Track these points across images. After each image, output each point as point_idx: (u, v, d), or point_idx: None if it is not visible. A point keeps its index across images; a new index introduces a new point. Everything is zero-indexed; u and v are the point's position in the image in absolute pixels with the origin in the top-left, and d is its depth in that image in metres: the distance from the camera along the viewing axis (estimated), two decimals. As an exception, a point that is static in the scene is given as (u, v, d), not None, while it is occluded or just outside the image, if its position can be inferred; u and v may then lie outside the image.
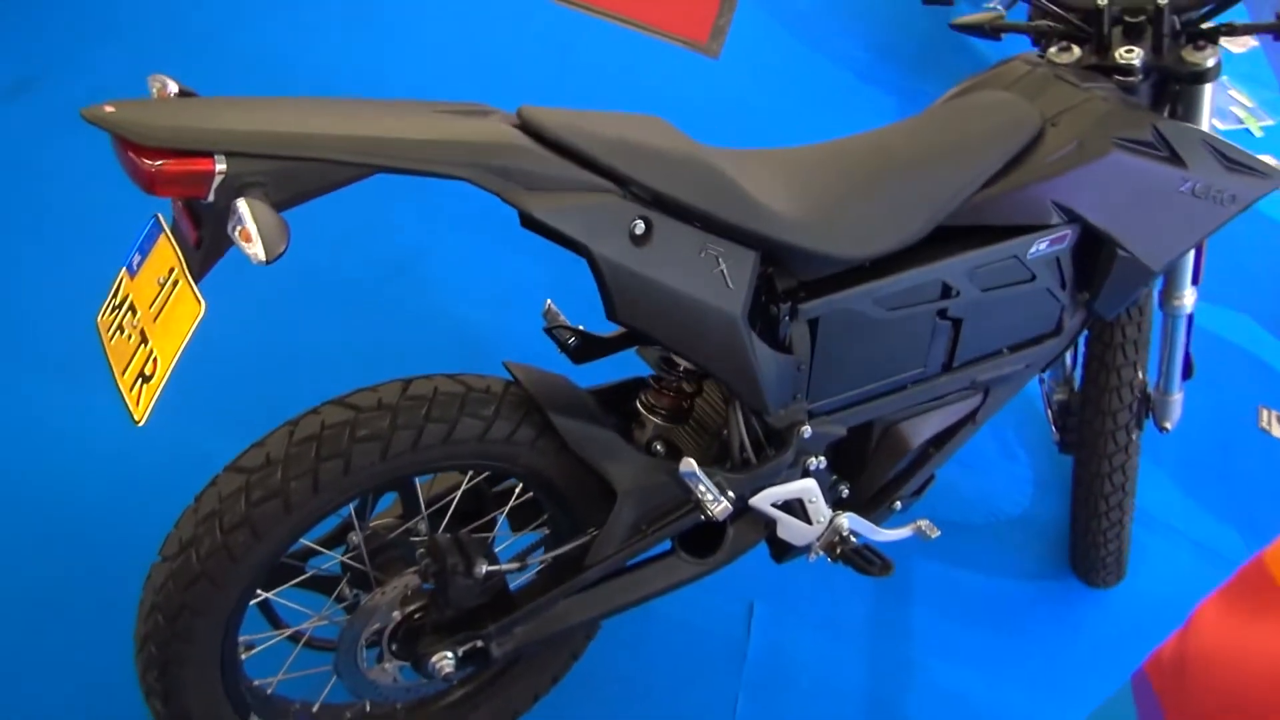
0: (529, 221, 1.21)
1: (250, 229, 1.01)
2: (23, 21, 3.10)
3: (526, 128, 1.23)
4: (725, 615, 2.04)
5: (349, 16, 3.44)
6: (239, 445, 1.35)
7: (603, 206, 1.23)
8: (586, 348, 1.60)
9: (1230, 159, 1.63)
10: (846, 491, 1.71)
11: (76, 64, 3.00)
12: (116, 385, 1.15)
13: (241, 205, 1.02)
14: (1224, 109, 4.05)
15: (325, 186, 1.11)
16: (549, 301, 1.62)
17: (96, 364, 1.27)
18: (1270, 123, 4.07)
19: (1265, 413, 2.85)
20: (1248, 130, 4.00)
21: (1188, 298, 1.93)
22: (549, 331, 1.61)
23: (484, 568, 1.43)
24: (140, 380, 1.11)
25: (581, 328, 1.60)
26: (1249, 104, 4.13)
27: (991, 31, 1.76)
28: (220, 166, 1.03)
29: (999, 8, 1.77)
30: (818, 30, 3.87)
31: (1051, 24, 1.72)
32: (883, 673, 2.03)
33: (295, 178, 1.08)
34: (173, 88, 1.15)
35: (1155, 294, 1.96)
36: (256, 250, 1.01)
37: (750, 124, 3.43)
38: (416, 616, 1.47)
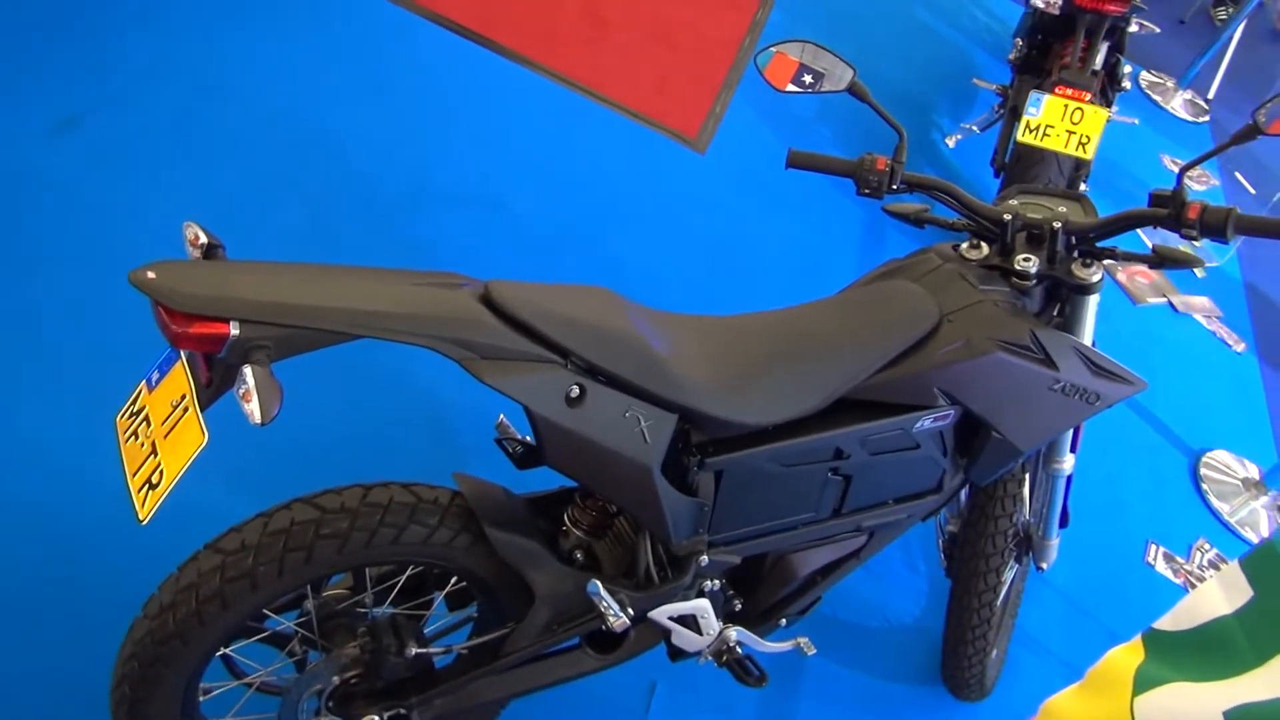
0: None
1: (252, 394, 1.26)
2: (73, 58, 3.35)
3: (489, 302, 1.48)
4: (629, 690, 2.30)
5: (366, 90, 3.70)
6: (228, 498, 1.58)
7: (545, 375, 1.49)
8: (529, 457, 1.85)
9: (1098, 365, 1.89)
10: (739, 606, 1.97)
11: (122, 102, 3.25)
12: (127, 483, 1.40)
13: (248, 372, 1.27)
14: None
15: (317, 346, 1.37)
16: (502, 416, 1.88)
17: (110, 404, 1.51)
18: (1215, 264, 4.36)
19: (1153, 548, 3.12)
20: (1191, 271, 4.28)
21: (1066, 463, 2.19)
22: (499, 442, 1.86)
23: (414, 649, 1.70)
24: (147, 486, 1.36)
25: (527, 439, 1.85)
26: (1197, 243, 4.41)
27: (917, 221, 2.01)
28: (235, 331, 1.29)
29: (926, 204, 2.03)
30: (805, 137, 4.14)
31: (967, 223, 1.98)
32: (763, 757, 2.29)
33: (294, 341, 1.34)
34: (203, 238, 1.40)
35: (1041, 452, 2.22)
36: (254, 411, 1.27)
37: (725, 222, 3.70)
38: (353, 682, 1.73)
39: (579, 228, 3.48)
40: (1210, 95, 5.71)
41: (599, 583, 1.68)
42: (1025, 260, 1.89)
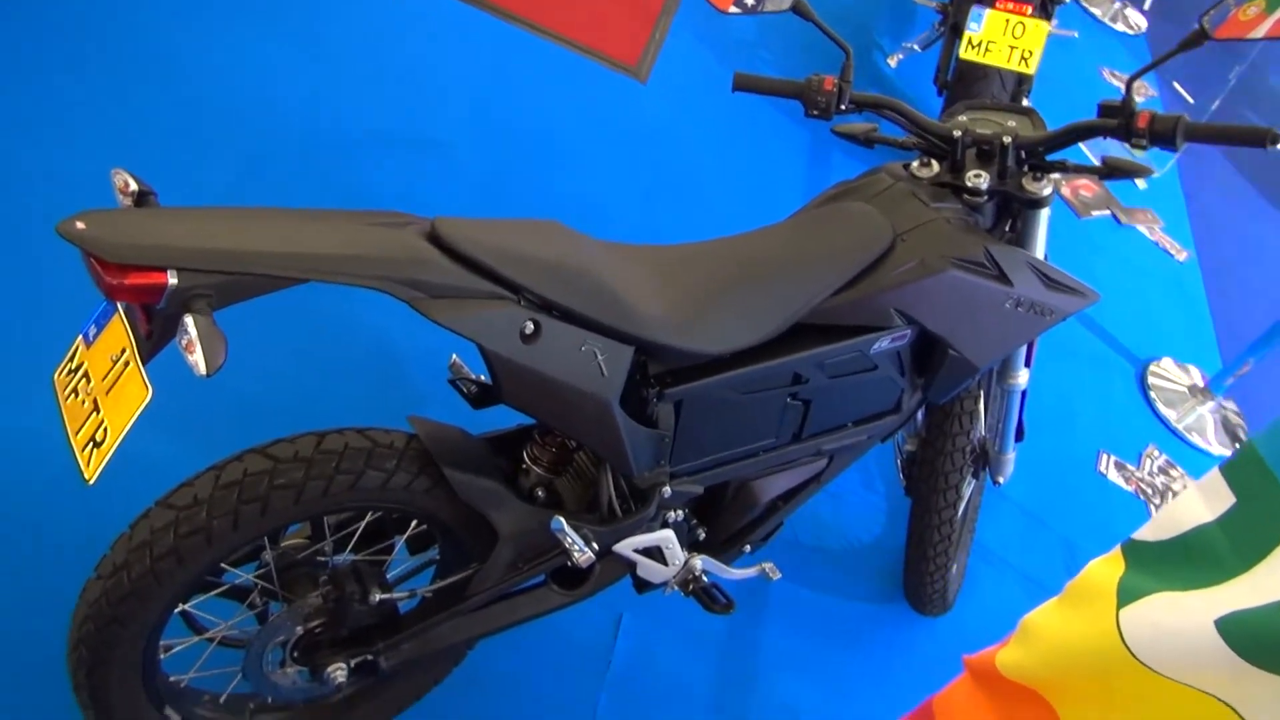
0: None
1: (195, 345, 1.22)
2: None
3: (437, 239, 1.44)
4: (596, 624, 2.30)
5: (293, 31, 3.58)
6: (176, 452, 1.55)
7: (498, 312, 1.45)
8: (484, 396, 1.82)
9: (1051, 279, 1.89)
10: (703, 534, 1.97)
11: (43, 48, 3.12)
12: (69, 441, 1.35)
13: (189, 323, 1.23)
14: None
15: (260, 293, 1.32)
16: (455, 356, 1.84)
17: (46, 362, 1.46)
18: (1155, 174, 4.38)
19: (1105, 457, 3.17)
20: (1132, 181, 4.30)
21: (1021, 378, 2.20)
22: (452, 382, 1.83)
23: (377, 596, 1.67)
24: (92, 444, 1.32)
25: (482, 378, 1.82)
26: (1138, 154, 4.43)
27: (867, 142, 1.99)
28: (173, 281, 1.24)
29: (875, 123, 2.00)
30: (746, 61, 4.09)
31: (917, 141, 1.96)
32: (731, 682, 2.30)
33: (236, 288, 1.29)
34: (133, 185, 1.34)
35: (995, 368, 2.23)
36: (198, 362, 1.22)
37: (670, 151, 3.65)
38: (317, 631, 1.71)
39: (521, 164, 3.42)
40: (1145, 7, 5.72)
41: (562, 519, 1.66)
42: (976, 176, 1.87)
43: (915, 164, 1.96)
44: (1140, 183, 4.28)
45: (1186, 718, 0.79)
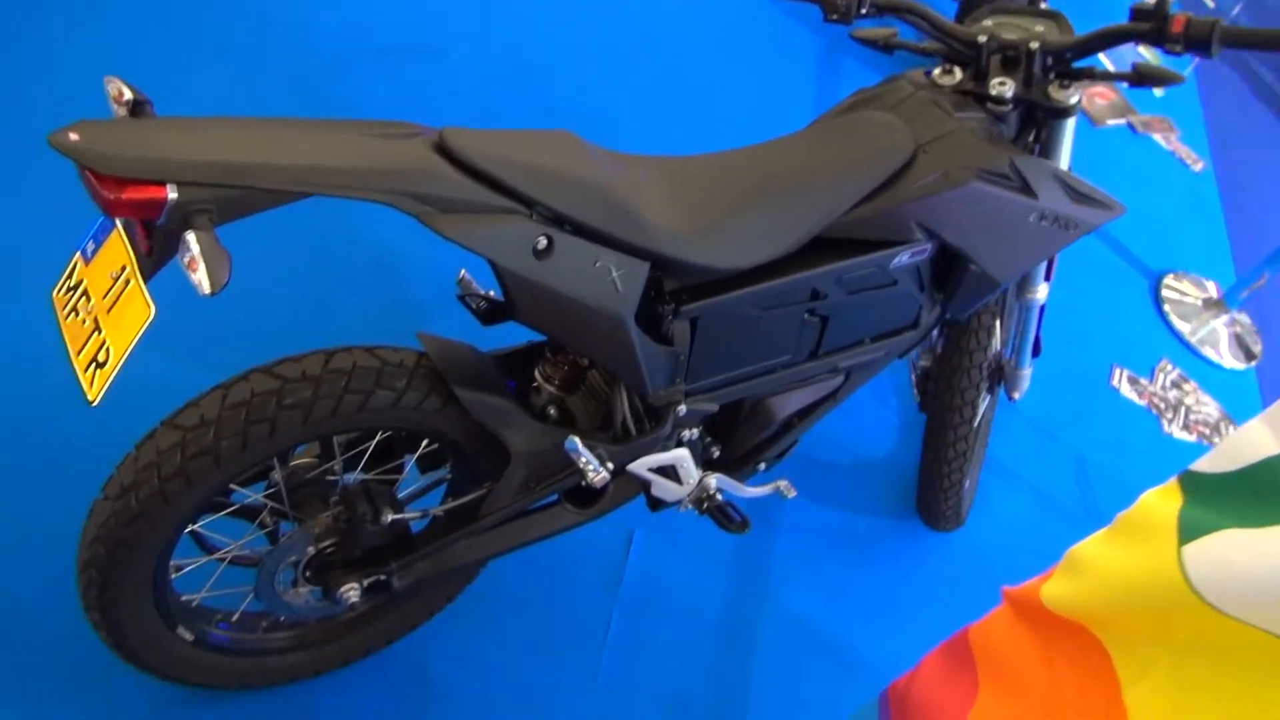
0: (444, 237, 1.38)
1: (198, 262, 1.17)
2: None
3: (445, 151, 1.38)
4: (608, 541, 2.29)
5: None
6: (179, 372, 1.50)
7: (509, 227, 1.40)
8: (494, 312, 1.77)
9: (1077, 191, 1.84)
10: (717, 452, 1.94)
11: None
12: (71, 362, 1.31)
13: (191, 239, 1.18)
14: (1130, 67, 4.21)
15: (265, 207, 1.27)
16: (463, 271, 1.79)
17: (44, 280, 1.42)
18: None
19: (1117, 371, 3.14)
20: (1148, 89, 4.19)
21: (1041, 292, 2.16)
22: (461, 298, 1.79)
23: (390, 516, 1.65)
24: (94, 365, 1.28)
25: (491, 293, 1.78)
26: (1155, 61, 4.32)
27: (886, 47, 1.92)
28: (173, 195, 1.19)
29: (895, 28, 1.93)
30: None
31: (939, 47, 1.89)
32: (742, 598, 2.30)
33: (238, 203, 1.24)
34: (128, 94, 1.29)
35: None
36: (202, 280, 1.18)
37: (679, 59, 3.55)
38: (329, 551, 1.69)
39: (524, 73, 3.33)
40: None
41: (577, 439, 1.63)
42: (1001, 84, 1.81)
43: (937, 71, 1.89)
44: (1157, 90, 4.18)
45: (1252, 660, 0.76)
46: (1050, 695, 0.92)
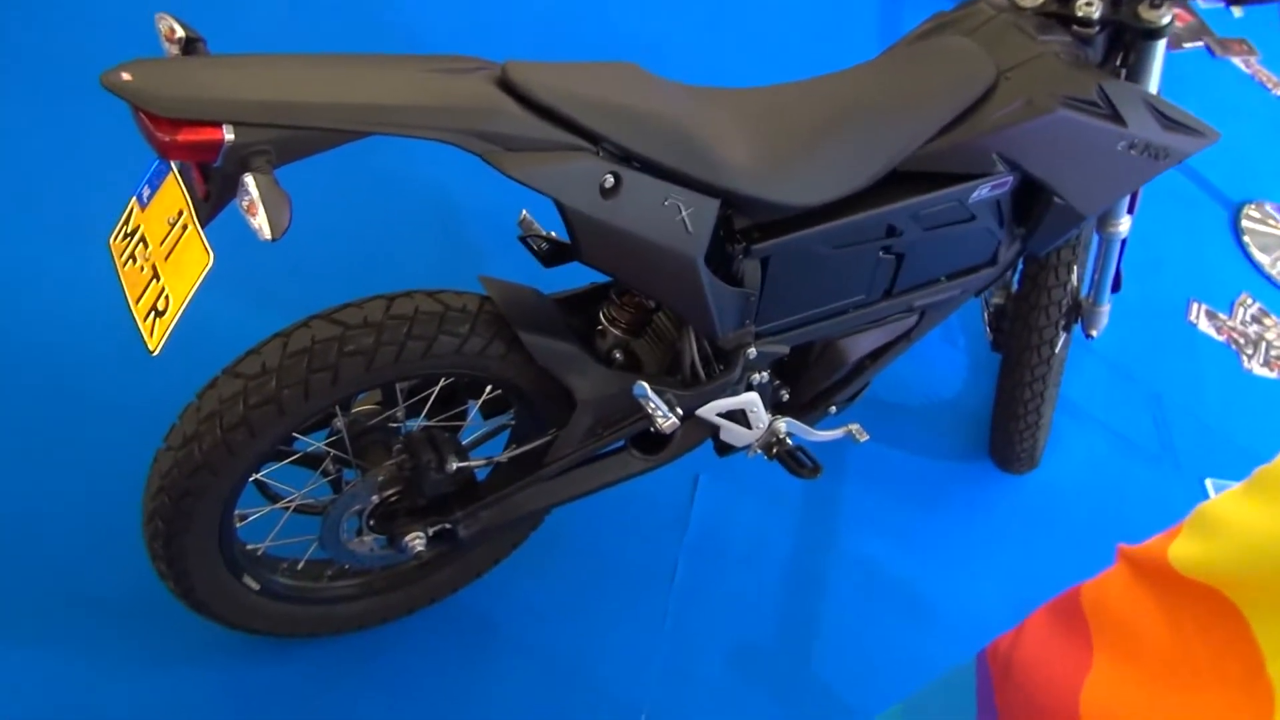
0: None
1: (258, 206, 1.13)
2: None
3: (509, 86, 1.32)
4: (672, 485, 2.25)
5: None
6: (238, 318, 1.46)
7: (576, 165, 1.34)
8: (557, 254, 1.72)
9: (1169, 118, 1.74)
10: (787, 396, 1.88)
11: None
12: (130, 310, 1.28)
13: (250, 182, 1.13)
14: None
15: (324, 148, 1.22)
16: (524, 212, 1.74)
17: (100, 227, 1.39)
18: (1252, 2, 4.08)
19: (1195, 306, 3.03)
20: (1228, 8, 4.02)
21: (1123, 225, 2.06)
22: (523, 239, 1.73)
23: (454, 464, 1.61)
24: (154, 314, 1.25)
25: (553, 234, 1.72)
26: None
27: (963, -34, 1.83)
28: (229, 136, 1.14)
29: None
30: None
31: (1021, -34, 1.79)
32: (810, 542, 2.25)
33: (297, 144, 1.19)
34: (179, 31, 1.24)
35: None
36: (262, 225, 1.13)
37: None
38: (393, 500, 1.66)
39: (579, 1, 3.25)
40: None
41: (645, 384, 1.58)
42: (1087, 5, 1.71)
43: (1019, -8, 1.79)
44: (1236, 10, 4.00)
45: None
46: (1178, 664, 0.86)
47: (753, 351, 1.68)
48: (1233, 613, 0.81)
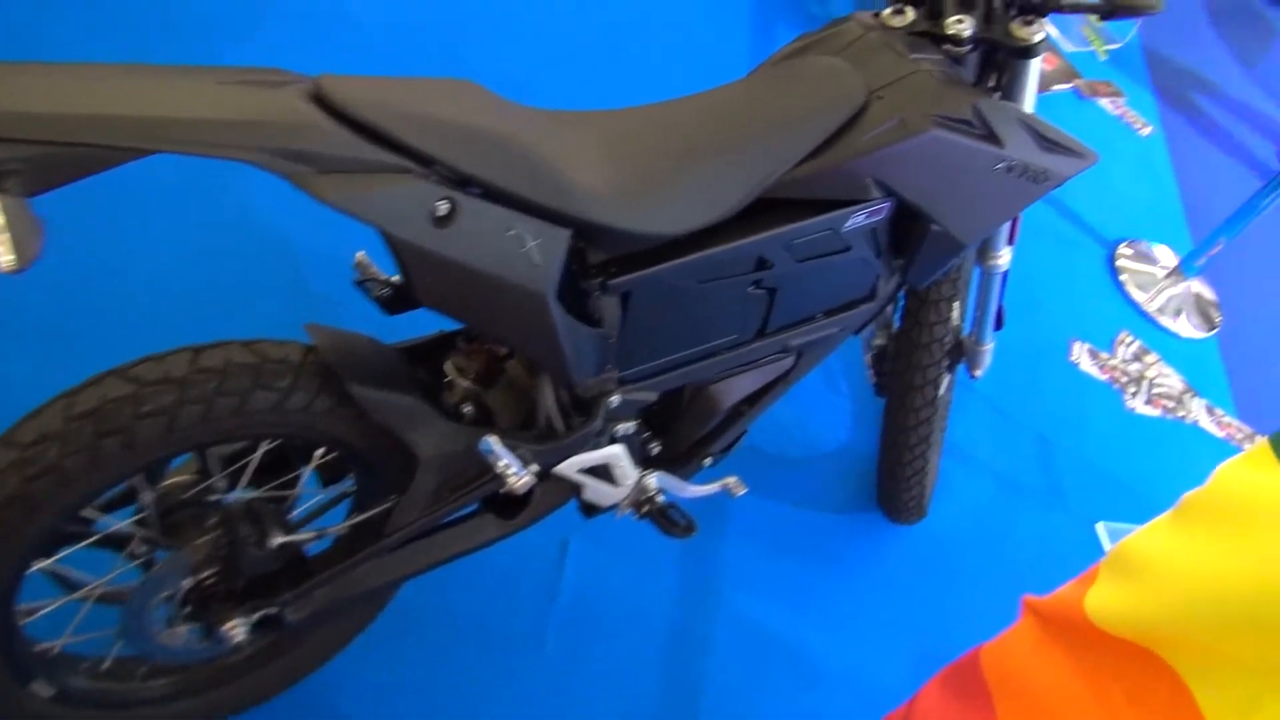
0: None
1: (1, 235, 0.94)
2: None
3: (323, 101, 1.16)
4: (540, 551, 2.07)
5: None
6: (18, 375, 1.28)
7: (403, 189, 1.18)
8: (400, 299, 1.55)
9: (1046, 139, 1.65)
10: (657, 448, 1.73)
11: None
12: None
13: (-11, 206, 0.94)
14: (1074, 30, 4.10)
15: (97, 168, 1.04)
16: (361, 253, 1.57)
17: None
18: (1116, 45, 4.14)
19: (1076, 345, 2.97)
20: (1093, 53, 4.06)
21: (1004, 257, 1.97)
22: (359, 283, 1.56)
23: (278, 538, 1.41)
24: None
25: (395, 279, 1.55)
26: (1098, 24, 4.19)
27: (828, -13, 1.73)
28: (-29, 153, 0.95)
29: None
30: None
31: (888, -16, 1.70)
32: (691, 606, 2.09)
33: (60, 163, 1.01)
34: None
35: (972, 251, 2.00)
36: (3, 255, 0.94)
37: (601, 20, 3.34)
38: (209, 583, 1.45)
39: (430, 33, 3.09)
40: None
41: (493, 439, 1.41)
42: (958, 22, 1.62)
43: (887, 12, 1.69)
44: (1101, 54, 4.04)
45: None
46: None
47: (615, 399, 1.52)
48: (1168, 676, 0.66)
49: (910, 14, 1.68)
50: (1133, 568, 0.70)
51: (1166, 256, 3.35)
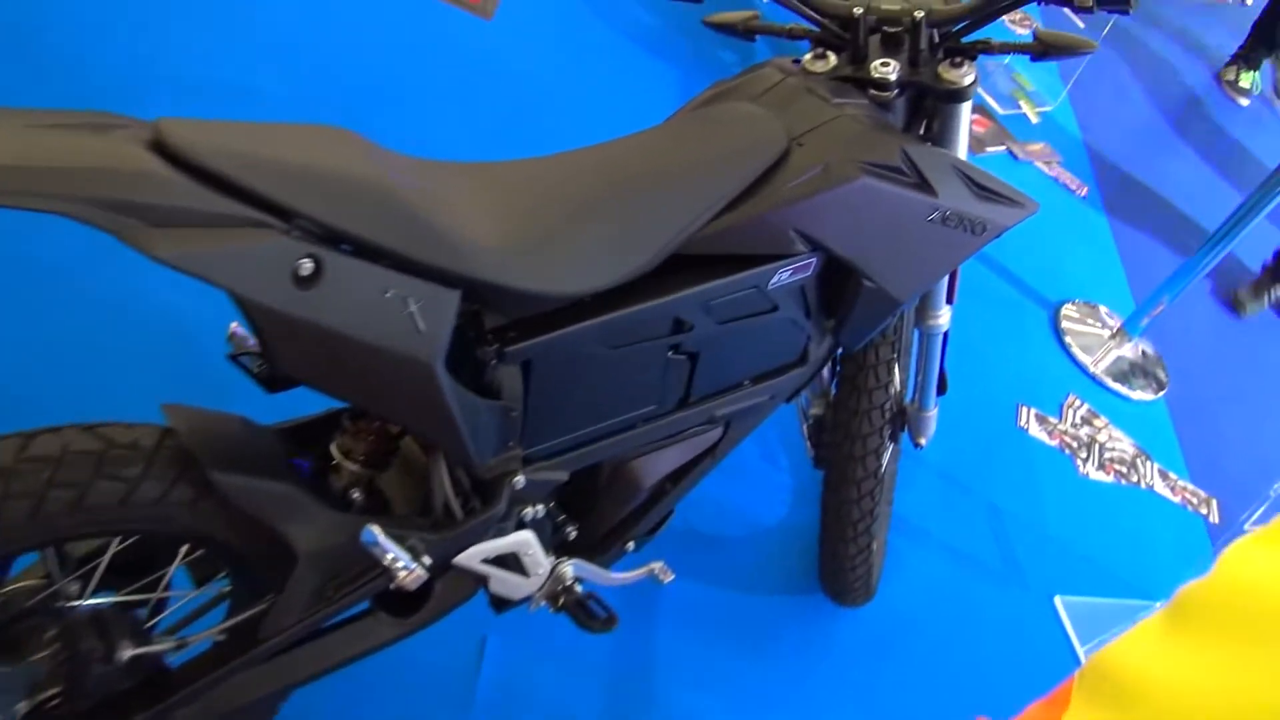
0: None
1: None
2: None
3: (162, 148, 1.01)
4: (454, 650, 1.89)
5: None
6: None
7: (258, 246, 1.03)
8: (280, 375, 1.39)
9: (983, 187, 1.53)
10: (574, 533, 1.57)
11: None
12: None
13: None
14: (1004, 94, 4.07)
15: None
16: (234, 324, 1.40)
17: None
18: (1048, 108, 4.12)
19: (1024, 410, 2.86)
20: (1024, 116, 4.03)
21: (943, 317, 1.85)
22: (233, 358, 1.39)
23: (128, 651, 1.23)
24: None
25: (272, 351, 1.39)
26: (1029, 87, 4.16)
27: (745, 32, 1.62)
28: None
29: (754, 8, 1.62)
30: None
31: (807, 29, 1.59)
32: (621, 705, 1.91)
33: None
34: None
35: (910, 311, 1.88)
36: None
37: (522, 92, 3.23)
38: (50, 705, 1.26)
39: (350, 111, 2.97)
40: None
41: (376, 529, 1.24)
42: (883, 66, 1.51)
43: (808, 57, 1.59)
44: (1033, 117, 4.00)
45: None
46: None
47: (520, 480, 1.36)
48: None
49: (832, 59, 1.58)
50: (1120, 689, 0.54)
51: (1110, 317, 3.27)
